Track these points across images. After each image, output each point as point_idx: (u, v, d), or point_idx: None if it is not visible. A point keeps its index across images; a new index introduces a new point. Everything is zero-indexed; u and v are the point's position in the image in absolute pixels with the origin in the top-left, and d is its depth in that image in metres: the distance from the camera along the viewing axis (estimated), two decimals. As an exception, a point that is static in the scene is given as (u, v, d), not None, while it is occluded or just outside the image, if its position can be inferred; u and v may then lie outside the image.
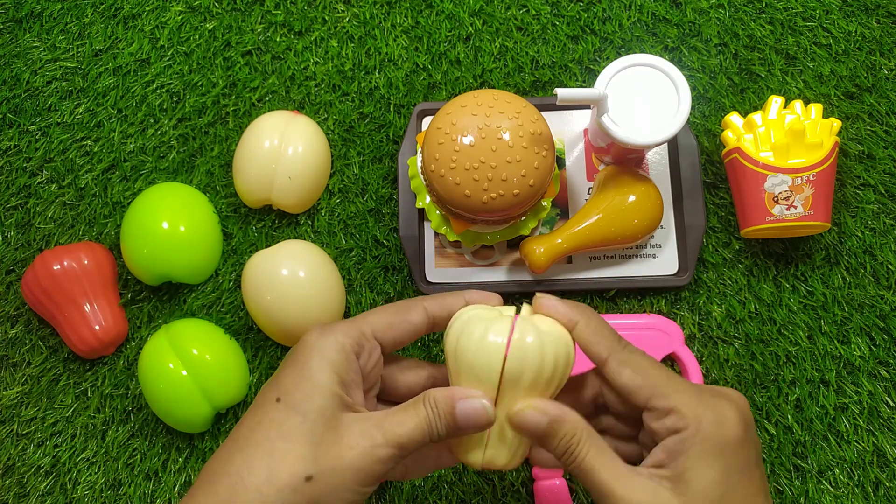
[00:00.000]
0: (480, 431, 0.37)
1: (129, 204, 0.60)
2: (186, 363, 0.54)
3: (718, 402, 0.36)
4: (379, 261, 0.60)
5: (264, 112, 0.62)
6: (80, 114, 0.63)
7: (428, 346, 0.58)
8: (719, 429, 0.35)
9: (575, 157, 0.60)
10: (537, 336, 0.37)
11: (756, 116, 0.54)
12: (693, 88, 0.61)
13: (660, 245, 0.58)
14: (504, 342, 0.37)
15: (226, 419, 0.58)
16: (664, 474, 0.35)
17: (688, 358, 0.55)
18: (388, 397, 0.43)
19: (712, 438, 0.35)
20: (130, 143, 0.63)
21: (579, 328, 0.38)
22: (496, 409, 0.38)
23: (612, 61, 0.51)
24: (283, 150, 0.57)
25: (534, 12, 0.63)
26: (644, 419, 0.37)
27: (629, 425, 0.41)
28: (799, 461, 0.55)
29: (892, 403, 0.55)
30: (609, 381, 0.38)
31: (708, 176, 0.59)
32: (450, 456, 0.41)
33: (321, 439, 0.34)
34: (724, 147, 0.56)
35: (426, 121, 0.60)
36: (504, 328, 0.37)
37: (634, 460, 0.39)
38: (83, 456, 0.58)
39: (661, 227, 0.58)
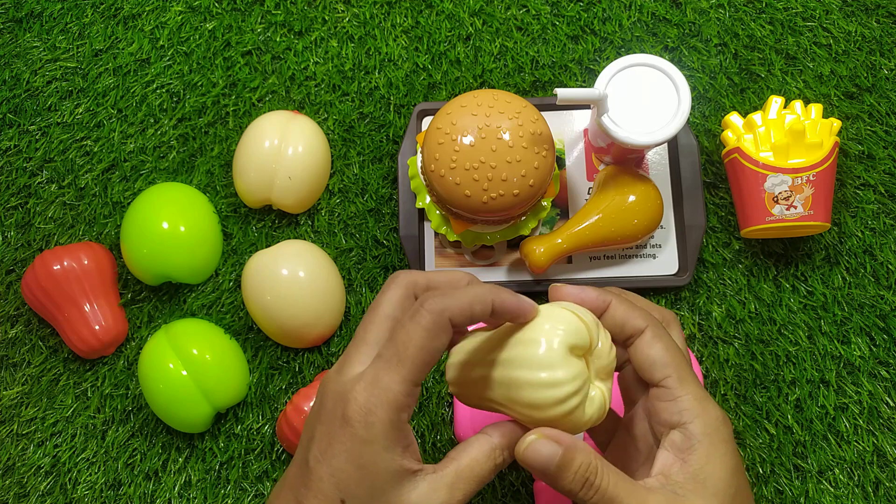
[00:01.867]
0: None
1: (129, 204, 0.60)
2: (186, 363, 0.54)
3: (714, 403, 0.37)
4: (379, 261, 0.60)
5: (264, 112, 0.62)
6: (80, 114, 0.63)
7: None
8: (724, 425, 0.35)
9: (575, 157, 0.60)
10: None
11: (756, 116, 0.54)
12: (693, 88, 0.61)
13: (660, 245, 0.58)
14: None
15: (226, 419, 0.58)
16: (677, 479, 0.35)
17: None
18: None
19: (720, 433, 0.35)
20: (130, 143, 0.63)
21: (613, 306, 0.37)
22: None
23: (612, 61, 0.51)
24: (283, 150, 0.57)
25: (534, 12, 0.63)
26: (651, 396, 0.37)
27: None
28: (799, 461, 0.55)
29: (892, 403, 0.55)
30: (636, 352, 0.37)
31: (708, 176, 0.59)
32: None
33: None
34: (724, 147, 0.56)
35: (426, 121, 0.60)
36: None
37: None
38: (83, 456, 0.58)
39: (661, 227, 0.58)
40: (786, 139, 0.53)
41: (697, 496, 0.34)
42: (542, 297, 0.58)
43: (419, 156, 0.54)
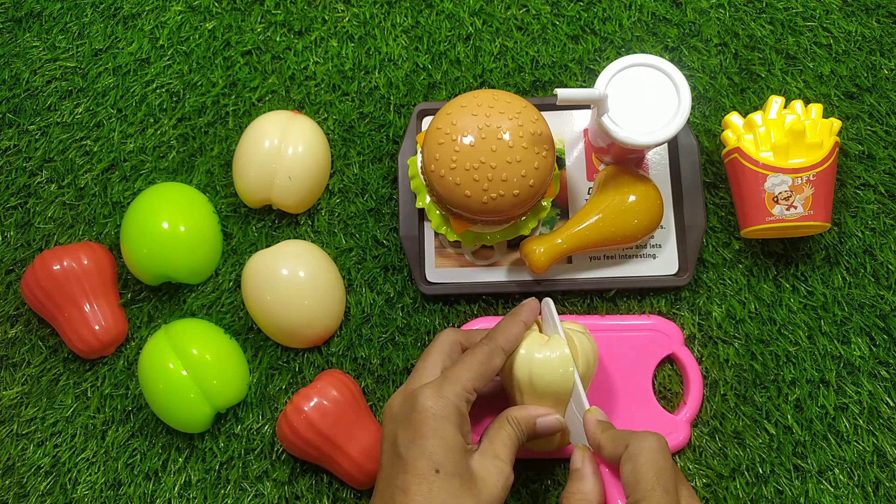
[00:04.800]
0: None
1: (129, 204, 0.60)
2: (186, 363, 0.54)
3: None
4: (379, 261, 0.60)
5: (264, 112, 0.62)
6: (80, 114, 0.63)
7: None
8: None
9: (575, 157, 0.60)
10: (580, 343, 0.48)
11: (756, 116, 0.54)
12: (693, 88, 0.61)
13: (660, 245, 0.58)
14: (573, 370, 0.46)
15: (226, 419, 0.58)
16: None
17: (687, 359, 0.55)
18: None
19: None
20: (130, 142, 0.63)
21: (602, 442, 0.44)
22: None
23: (612, 61, 0.51)
24: (283, 150, 0.57)
25: (534, 12, 0.63)
26: None
27: None
28: (799, 461, 0.55)
29: (892, 403, 0.55)
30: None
31: (708, 176, 0.59)
32: None
33: (478, 490, 0.42)
34: (724, 147, 0.56)
35: (426, 121, 0.60)
36: (568, 358, 0.47)
37: None
38: (83, 456, 0.58)
39: (661, 227, 0.58)
40: (786, 139, 0.53)
41: None
42: (541, 297, 0.58)
43: (419, 156, 0.54)
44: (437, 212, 0.56)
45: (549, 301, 0.50)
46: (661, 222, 0.57)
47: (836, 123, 0.54)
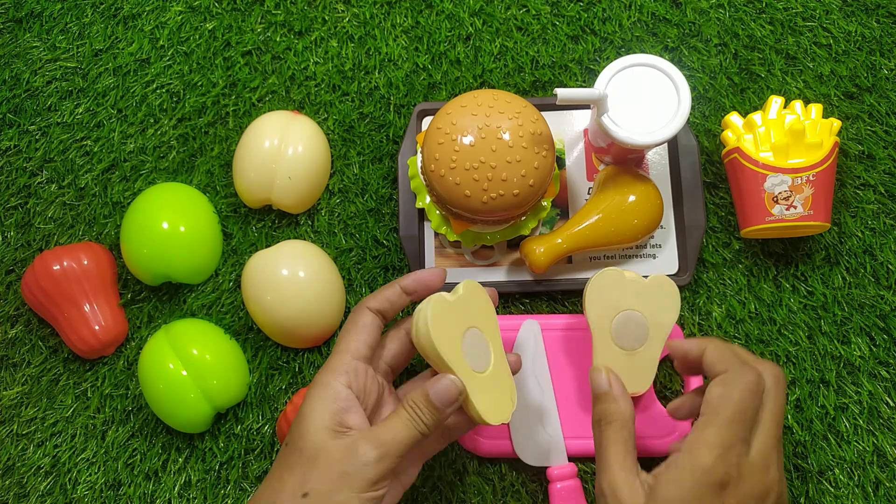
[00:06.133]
0: (461, 403, 0.43)
1: (129, 204, 0.60)
2: (186, 363, 0.54)
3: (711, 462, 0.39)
4: (379, 261, 0.60)
5: (264, 112, 0.62)
6: (80, 114, 0.63)
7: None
8: (706, 476, 0.39)
9: (575, 157, 0.60)
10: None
11: (756, 116, 0.54)
12: (693, 88, 0.61)
13: (660, 245, 0.58)
14: (428, 325, 0.42)
15: (226, 419, 0.58)
16: (652, 474, 0.41)
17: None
18: (400, 369, 0.50)
19: (694, 479, 0.39)
20: (130, 143, 0.63)
21: (707, 351, 0.43)
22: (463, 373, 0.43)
23: (612, 61, 0.51)
24: (283, 150, 0.57)
25: (534, 12, 0.63)
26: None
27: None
28: (799, 461, 0.55)
29: (892, 403, 0.55)
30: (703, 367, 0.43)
31: (708, 176, 0.59)
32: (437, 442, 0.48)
33: (314, 464, 0.41)
34: (724, 147, 0.56)
35: (426, 121, 0.60)
36: (423, 313, 0.43)
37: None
38: (83, 456, 0.58)
39: (661, 227, 0.58)
40: (786, 139, 0.53)
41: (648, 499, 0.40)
42: (542, 297, 0.58)
43: (419, 156, 0.54)
44: (437, 212, 0.56)
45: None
46: (661, 222, 0.57)
47: (836, 123, 0.54)
